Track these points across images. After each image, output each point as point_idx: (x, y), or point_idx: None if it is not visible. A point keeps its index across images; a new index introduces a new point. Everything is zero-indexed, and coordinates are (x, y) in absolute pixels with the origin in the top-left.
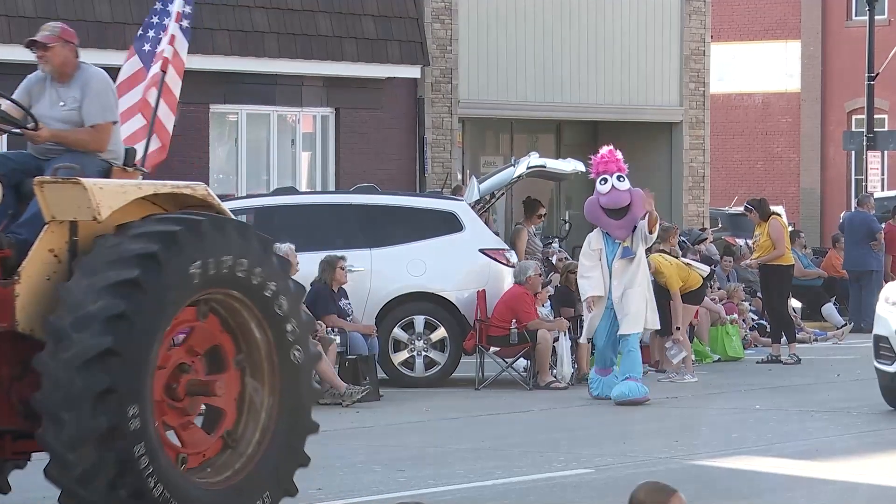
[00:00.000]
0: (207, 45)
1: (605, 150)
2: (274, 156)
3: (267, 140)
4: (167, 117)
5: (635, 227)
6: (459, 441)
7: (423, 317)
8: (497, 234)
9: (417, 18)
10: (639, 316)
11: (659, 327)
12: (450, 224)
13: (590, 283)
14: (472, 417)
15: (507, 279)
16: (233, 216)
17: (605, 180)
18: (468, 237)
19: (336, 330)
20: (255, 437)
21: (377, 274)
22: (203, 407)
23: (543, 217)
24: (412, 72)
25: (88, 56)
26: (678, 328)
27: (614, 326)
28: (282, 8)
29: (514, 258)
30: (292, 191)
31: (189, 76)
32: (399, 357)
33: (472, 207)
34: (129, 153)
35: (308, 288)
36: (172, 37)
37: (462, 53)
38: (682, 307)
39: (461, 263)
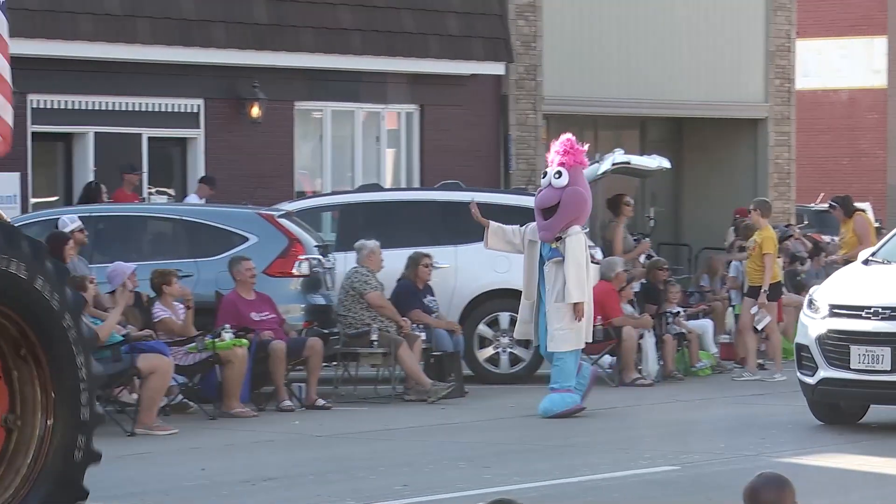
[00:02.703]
0: (292, 43)
1: (563, 138)
2: (358, 153)
3: (351, 137)
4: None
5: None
6: (544, 438)
7: (508, 313)
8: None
9: (501, 15)
10: (578, 332)
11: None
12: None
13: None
14: None
15: (591, 276)
16: (7, 219)
17: (545, 174)
18: None
19: (421, 326)
20: (9, 493)
21: (462, 271)
22: None
23: (631, 205)
24: (496, 69)
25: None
26: (764, 291)
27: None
28: (366, 5)
29: (599, 254)
30: (377, 188)
31: (274, 73)
32: (484, 354)
33: None
34: None
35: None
36: None
37: (546, 50)
38: (767, 303)
39: None
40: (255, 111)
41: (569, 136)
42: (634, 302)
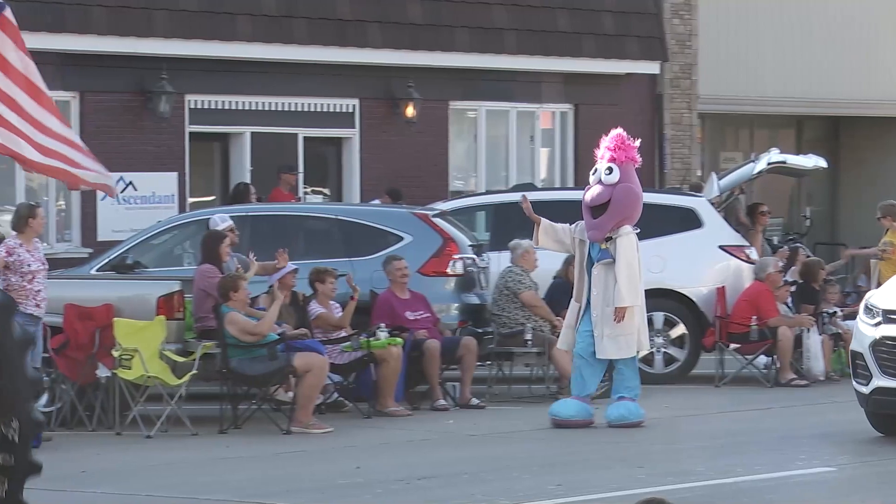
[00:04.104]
0: (447, 43)
1: (613, 133)
2: (513, 152)
3: (506, 136)
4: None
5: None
6: (699, 438)
7: (662, 313)
8: (737, 231)
9: (657, 14)
10: (631, 339)
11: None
12: (689, 220)
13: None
14: (712, 415)
15: (746, 276)
16: None
17: (595, 171)
18: (707, 234)
19: None
20: None
21: None
22: None
23: (768, 213)
24: (651, 68)
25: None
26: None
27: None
28: (521, 4)
29: (754, 255)
30: (531, 187)
31: (428, 73)
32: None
33: (712, 204)
34: None
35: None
36: None
37: (701, 49)
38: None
39: (700, 260)
40: (410, 111)
41: (620, 131)
42: (789, 302)
